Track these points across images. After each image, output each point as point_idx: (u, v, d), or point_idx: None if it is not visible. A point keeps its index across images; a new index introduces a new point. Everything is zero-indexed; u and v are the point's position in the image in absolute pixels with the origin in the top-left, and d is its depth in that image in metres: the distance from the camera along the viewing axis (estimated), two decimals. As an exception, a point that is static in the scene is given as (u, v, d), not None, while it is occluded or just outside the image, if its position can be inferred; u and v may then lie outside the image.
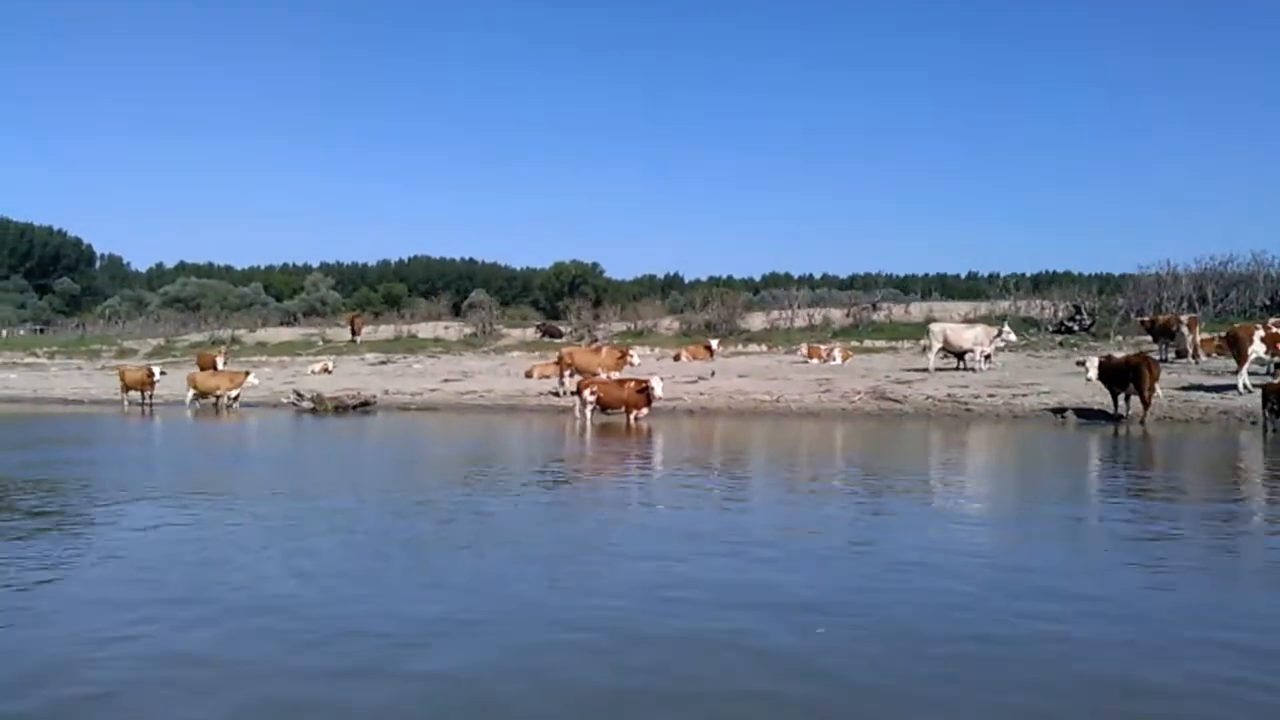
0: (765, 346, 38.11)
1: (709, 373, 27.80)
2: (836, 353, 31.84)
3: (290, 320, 63.52)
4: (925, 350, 27.99)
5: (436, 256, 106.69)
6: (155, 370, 29.57)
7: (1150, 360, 19.50)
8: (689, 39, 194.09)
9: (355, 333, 48.22)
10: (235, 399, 27.67)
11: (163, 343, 52.95)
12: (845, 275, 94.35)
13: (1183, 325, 26.21)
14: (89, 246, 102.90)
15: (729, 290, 53.17)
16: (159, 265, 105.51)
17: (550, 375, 28.35)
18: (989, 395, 22.04)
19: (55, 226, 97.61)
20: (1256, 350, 20.40)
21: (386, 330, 49.88)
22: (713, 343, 35.08)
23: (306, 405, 25.92)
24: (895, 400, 22.44)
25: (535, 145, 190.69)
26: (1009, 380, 23.92)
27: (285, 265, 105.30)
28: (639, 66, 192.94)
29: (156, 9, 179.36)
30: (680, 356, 33.89)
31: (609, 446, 16.77)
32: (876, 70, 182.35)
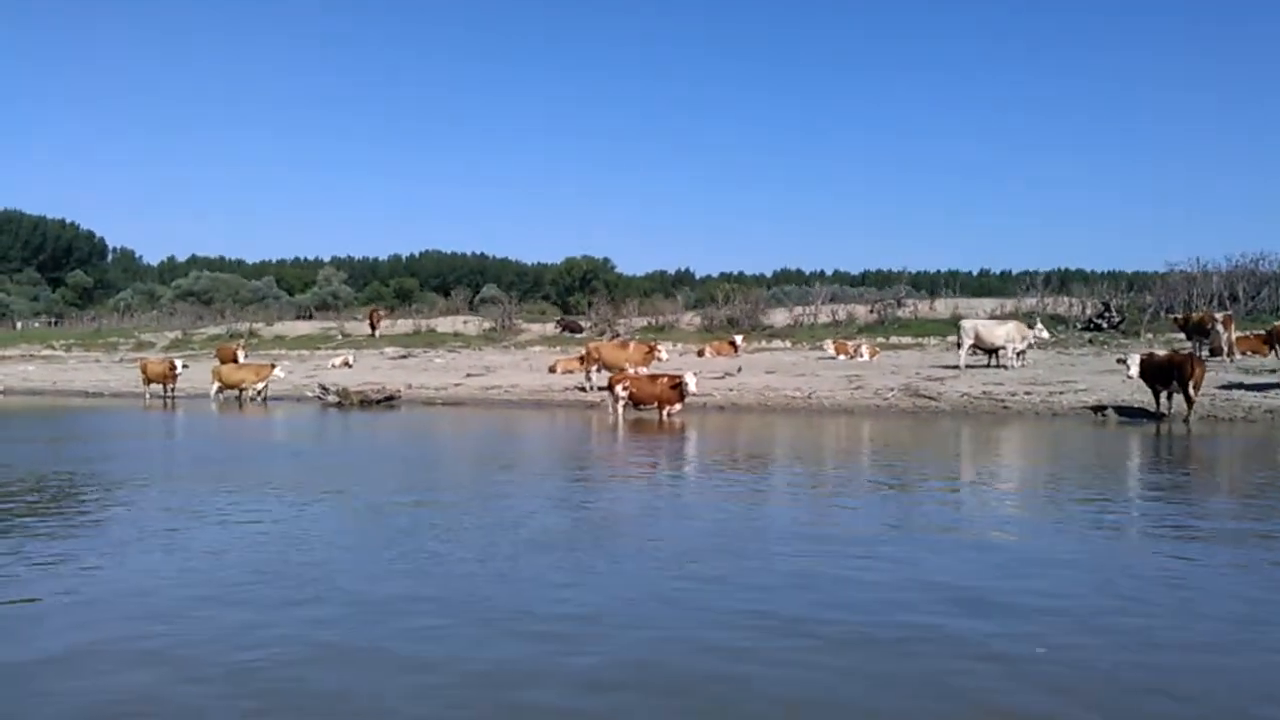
0: (789, 343, 37.70)
1: (735, 369, 27.54)
2: (864, 349, 31.45)
3: (305, 314, 63.41)
4: (956, 347, 27.68)
5: (448, 251, 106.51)
6: (178, 363, 29.44)
7: (1197, 358, 19.20)
8: (690, 39, 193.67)
9: (374, 327, 48.07)
10: (261, 392, 27.50)
11: (180, 336, 52.85)
12: (858, 271, 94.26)
13: (1218, 323, 25.86)
14: (101, 240, 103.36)
15: (749, 286, 52.80)
16: (171, 259, 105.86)
17: (574, 370, 28.11)
18: (1025, 393, 21.72)
19: (68, 220, 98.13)
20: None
21: (405, 325, 49.64)
22: (737, 338, 34.67)
23: (332, 399, 25.72)
24: (930, 397, 22.12)
25: (542, 141, 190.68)
26: (1043, 378, 23.60)
27: (296, 259, 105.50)
28: (641, 65, 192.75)
29: (169, 4, 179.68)
30: (704, 352, 33.54)
31: (659, 443, 16.50)
32: (887, 66, 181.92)
